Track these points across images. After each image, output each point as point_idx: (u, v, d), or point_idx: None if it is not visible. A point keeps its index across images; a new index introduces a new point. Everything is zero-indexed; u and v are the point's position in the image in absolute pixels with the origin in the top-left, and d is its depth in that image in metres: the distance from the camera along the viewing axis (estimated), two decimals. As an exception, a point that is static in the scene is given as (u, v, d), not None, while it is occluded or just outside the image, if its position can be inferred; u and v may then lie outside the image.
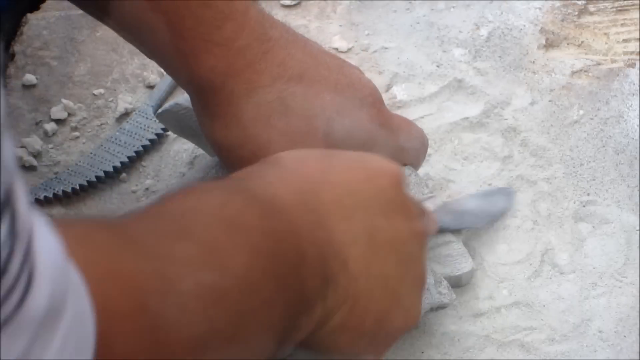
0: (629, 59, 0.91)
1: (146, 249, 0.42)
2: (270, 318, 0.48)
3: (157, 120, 0.84)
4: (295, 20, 0.96)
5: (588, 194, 0.82)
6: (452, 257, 0.76)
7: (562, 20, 0.94)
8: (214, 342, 0.43)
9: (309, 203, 0.54)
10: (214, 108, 0.67)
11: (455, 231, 0.76)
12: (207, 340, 0.42)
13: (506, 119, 0.88)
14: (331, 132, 0.69)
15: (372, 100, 0.73)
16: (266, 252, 0.48)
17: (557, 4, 0.95)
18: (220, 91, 0.67)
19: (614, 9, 0.94)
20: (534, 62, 0.91)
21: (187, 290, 0.42)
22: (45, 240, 0.34)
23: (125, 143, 0.86)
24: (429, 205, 0.72)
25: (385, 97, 0.89)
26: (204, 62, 0.66)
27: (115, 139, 0.87)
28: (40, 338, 0.33)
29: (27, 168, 0.86)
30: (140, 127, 0.87)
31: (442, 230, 0.74)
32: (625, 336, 0.74)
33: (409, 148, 0.76)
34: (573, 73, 0.90)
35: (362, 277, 0.55)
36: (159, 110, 0.79)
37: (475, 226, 0.77)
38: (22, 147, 0.86)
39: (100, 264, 0.39)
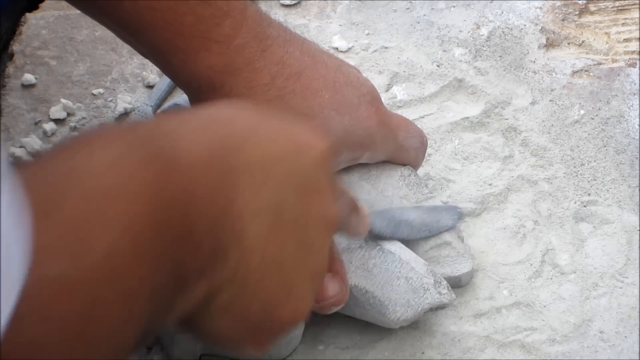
0: (629, 58, 0.91)
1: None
2: (131, 307, 0.44)
3: (157, 120, 0.83)
4: (295, 20, 0.96)
5: (589, 194, 0.82)
6: (452, 258, 0.75)
7: (563, 20, 0.94)
8: (50, 345, 0.39)
9: (216, 165, 0.49)
10: None
11: (388, 238, 0.72)
12: (41, 344, 0.39)
13: (507, 119, 0.87)
14: (329, 130, 0.69)
15: (371, 98, 0.72)
16: (142, 227, 0.44)
17: (558, 3, 0.95)
18: (220, 90, 0.67)
19: (615, 9, 0.94)
20: (534, 61, 0.91)
21: (27, 287, 0.38)
22: None
23: (124, 143, 0.86)
24: (367, 207, 0.70)
25: (385, 96, 0.89)
26: (203, 60, 0.66)
27: (115, 138, 0.87)
28: None
29: (26, 168, 0.85)
30: (140, 127, 0.87)
31: (374, 236, 0.71)
32: (626, 337, 0.74)
33: (408, 147, 0.76)
34: (574, 73, 0.90)
35: (256, 256, 0.51)
36: (158, 111, 0.79)
37: (409, 238, 0.74)
38: (21, 147, 0.86)
39: None
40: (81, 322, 0.41)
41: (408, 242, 0.74)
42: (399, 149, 0.75)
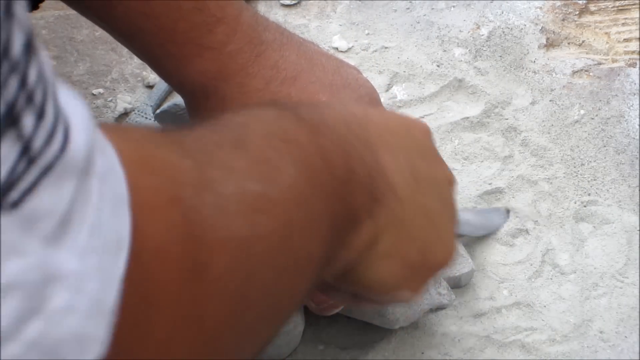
0: (629, 58, 0.91)
1: (190, 151, 0.41)
2: (318, 230, 0.47)
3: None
4: (295, 20, 0.96)
5: (589, 194, 0.82)
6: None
7: (563, 20, 0.94)
8: (257, 248, 0.42)
9: (356, 131, 0.54)
10: (207, 112, 0.67)
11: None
12: (250, 245, 0.42)
13: (507, 119, 0.87)
14: None
15: (369, 100, 0.73)
16: (315, 165, 0.48)
17: (558, 3, 0.95)
18: (213, 95, 0.67)
19: (615, 9, 0.94)
20: (534, 61, 0.91)
21: (228, 193, 0.41)
22: (74, 105, 0.34)
23: (124, 143, 0.86)
24: None
25: (385, 96, 0.89)
26: (195, 66, 0.66)
27: (115, 138, 0.87)
28: (82, 189, 0.33)
29: (26, 168, 0.85)
30: (140, 127, 0.87)
31: None
32: (626, 337, 0.74)
33: None
34: (574, 73, 0.90)
35: (408, 202, 0.55)
36: (157, 111, 0.79)
37: (472, 235, 0.79)
38: (21, 147, 0.86)
39: (135, 152, 0.37)
40: (282, 233, 0.44)
41: None
42: None
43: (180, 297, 0.37)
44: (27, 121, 0.31)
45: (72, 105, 0.34)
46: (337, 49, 0.93)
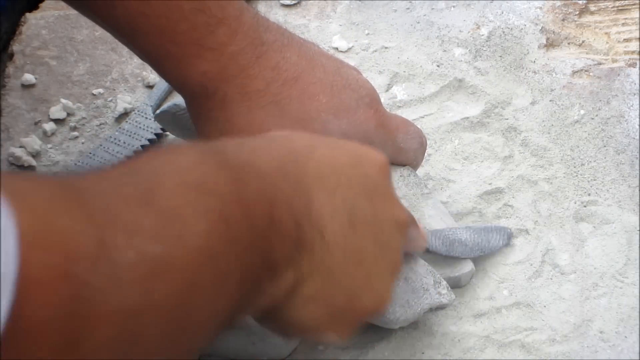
0: (629, 58, 0.91)
1: (94, 213, 0.40)
2: (226, 287, 0.47)
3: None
4: (295, 20, 0.96)
5: (589, 194, 0.82)
6: (452, 258, 0.75)
7: (563, 20, 0.94)
8: (148, 316, 0.41)
9: (290, 173, 0.53)
10: (208, 112, 0.67)
11: (443, 257, 0.75)
12: (140, 313, 0.41)
13: (507, 119, 0.87)
14: (327, 134, 0.69)
15: (369, 100, 0.72)
16: (232, 219, 0.47)
17: (558, 3, 0.95)
18: (214, 96, 0.67)
19: (615, 9, 0.94)
20: (534, 61, 0.91)
21: (125, 262, 0.40)
22: None
23: (124, 143, 0.86)
24: (423, 225, 0.72)
25: (385, 97, 0.89)
26: (196, 67, 0.66)
27: (115, 138, 0.87)
28: None
29: (26, 168, 0.85)
30: (140, 127, 0.87)
31: (430, 253, 0.74)
32: (626, 337, 0.74)
33: (407, 148, 0.76)
34: (574, 73, 0.90)
35: (338, 250, 0.54)
36: (157, 111, 0.79)
37: (464, 256, 0.76)
38: (21, 146, 0.86)
39: (34, 225, 0.37)
40: (179, 298, 0.43)
41: None
42: (398, 150, 0.76)
43: None
44: None
45: None
46: (337, 49, 0.93)
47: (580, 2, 0.94)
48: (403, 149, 0.76)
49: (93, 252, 0.39)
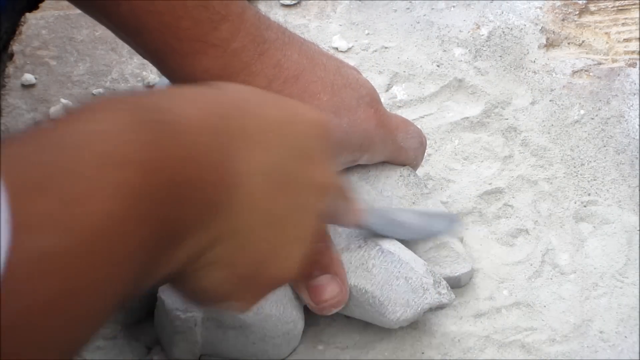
0: (629, 58, 0.91)
1: None
2: (125, 266, 0.45)
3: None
4: (295, 20, 0.96)
5: (589, 194, 0.82)
6: (451, 258, 0.75)
7: (563, 20, 0.94)
8: (37, 315, 0.40)
9: (214, 126, 0.51)
10: None
11: (378, 236, 0.72)
12: (26, 316, 0.39)
13: (507, 119, 0.87)
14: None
15: (370, 100, 0.72)
16: (134, 190, 0.45)
17: (558, 3, 0.95)
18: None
19: (615, 9, 0.94)
20: (534, 61, 0.91)
21: (7, 262, 0.38)
22: None
23: (124, 143, 0.86)
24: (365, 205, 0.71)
25: (385, 97, 0.89)
26: (199, 63, 0.66)
27: (115, 138, 0.87)
28: None
29: (26, 168, 0.85)
30: (140, 127, 0.87)
31: (367, 231, 0.71)
32: (626, 337, 0.74)
33: (407, 148, 0.76)
34: (574, 73, 0.90)
35: (251, 212, 0.52)
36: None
37: (402, 238, 0.74)
38: (21, 147, 0.86)
39: None
40: (65, 296, 0.41)
41: (408, 243, 0.74)
42: (398, 149, 0.76)
43: None
44: None
45: None
46: (337, 49, 0.93)
47: (580, 2, 0.94)
48: (403, 148, 0.76)
49: None
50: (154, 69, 0.91)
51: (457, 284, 0.76)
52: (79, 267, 0.42)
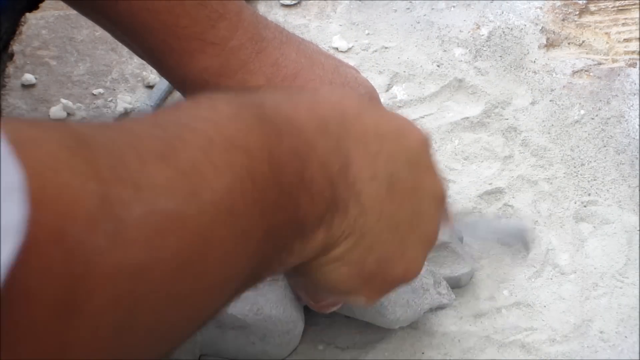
0: (630, 58, 0.91)
1: (101, 167, 0.39)
2: (245, 246, 0.45)
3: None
4: (295, 20, 0.96)
5: (589, 194, 0.82)
6: (451, 259, 0.75)
7: (563, 20, 0.94)
8: (155, 274, 0.40)
9: (332, 131, 0.52)
10: None
11: (461, 239, 0.75)
12: (145, 271, 0.39)
13: (507, 119, 0.87)
14: None
15: (369, 99, 0.72)
16: (257, 175, 0.46)
17: (558, 3, 0.95)
18: (214, 92, 0.67)
19: (615, 9, 0.94)
20: (534, 61, 0.91)
21: (131, 217, 0.38)
22: None
23: (124, 143, 0.86)
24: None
25: (385, 96, 0.89)
26: (198, 62, 0.66)
27: (115, 138, 0.87)
28: None
29: (26, 168, 0.85)
30: (140, 127, 0.87)
31: (453, 232, 0.74)
32: (626, 337, 0.74)
33: None
34: (574, 73, 0.90)
35: (374, 214, 0.54)
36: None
37: (483, 241, 0.77)
38: (21, 147, 0.86)
39: (32, 179, 0.35)
40: (191, 255, 0.42)
41: None
42: None
43: (46, 339, 0.36)
44: None
45: None
46: (337, 49, 0.93)
47: (580, 2, 0.94)
48: None
49: (93, 209, 0.37)
50: (154, 70, 0.91)
51: (457, 284, 0.76)
52: (199, 236, 0.42)
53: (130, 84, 0.91)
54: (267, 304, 0.69)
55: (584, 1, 0.94)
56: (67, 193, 0.37)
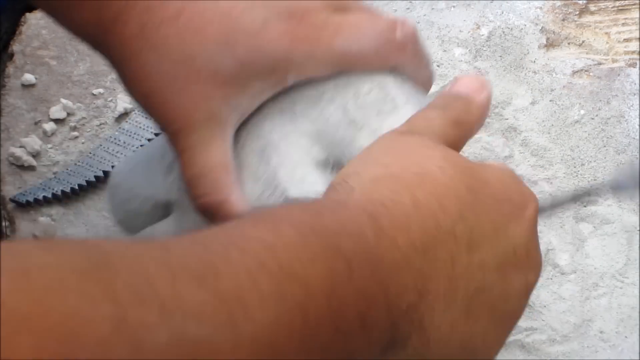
0: (630, 58, 0.91)
1: (120, 288, 0.35)
2: None
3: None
4: (295, 20, 0.96)
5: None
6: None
7: (563, 20, 0.94)
8: None
9: (413, 261, 0.45)
10: (118, 63, 0.61)
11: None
12: None
13: (507, 119, 0.87)
14: (214, 69, 0.58)
15: (287, 15, 0.59)
16: (311, 311, 0.40)
17: (558, 3, 0.94)
18: (99, 47, 0.61)
19: (615, 9, 0.94)
20: (534, 61, 0.91)
21: (153, 341, 0.35)
22: None
23: (124, 143, 0.86)
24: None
25: (385, 96, 0.88)
26: (80, 16, 0.60)
27: (115, 138, 0.87)
28: None
29: (26, 168, 0.85)
30: (140, 127, 0.87)
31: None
32: (626, 337, 0.74)
33: (357, 51, 0.61)
34: (574, 73, 0.90)
35: (440, 343, 0.47)
36: None
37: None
38: (21, 147, 0.86)
39: (39, 305, 0.33)
40: None
41: None
42: (342, 56, 0.60)
43: None
44: None
45: None
46: (337, 49, 0.93)
47: (580, 2, 0.94)
48: (350, 53, 0.60)
49: (106, 333, 0.34)
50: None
51: (457, 284, 0.76)
52: None
53: (130, 84, 0.91)
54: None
55: (584, 1, 0.94)
56: (74, 318, 0.34)
